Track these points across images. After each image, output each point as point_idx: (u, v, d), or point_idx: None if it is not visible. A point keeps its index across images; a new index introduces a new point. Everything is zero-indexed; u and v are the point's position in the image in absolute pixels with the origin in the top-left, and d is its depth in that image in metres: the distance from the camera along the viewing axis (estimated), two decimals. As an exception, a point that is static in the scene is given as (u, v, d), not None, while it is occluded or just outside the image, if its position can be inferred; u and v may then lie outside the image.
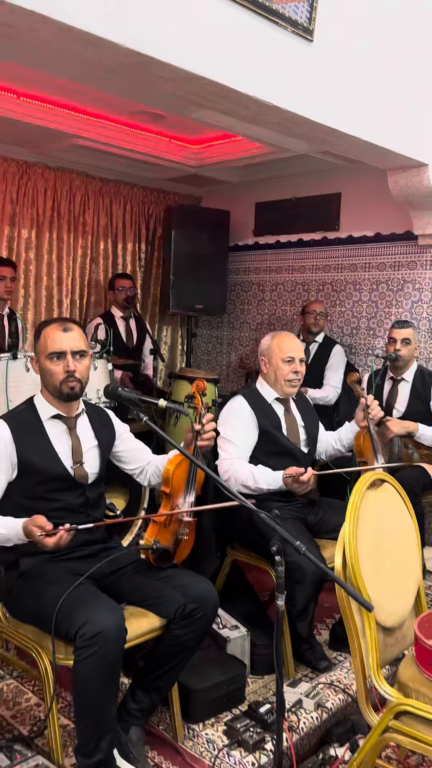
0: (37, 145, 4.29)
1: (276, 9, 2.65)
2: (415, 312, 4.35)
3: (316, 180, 4.79)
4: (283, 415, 2.81)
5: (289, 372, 2.76)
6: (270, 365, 2.80)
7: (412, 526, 2.21)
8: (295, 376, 2.77)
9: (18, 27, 2.06)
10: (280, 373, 2.77)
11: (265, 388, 2.83)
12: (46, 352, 2.06)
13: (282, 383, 2.77)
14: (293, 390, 2.80)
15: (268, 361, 2.81)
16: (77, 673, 1.76)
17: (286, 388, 2.78)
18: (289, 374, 2.76)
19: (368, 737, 1.91)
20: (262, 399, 2.80)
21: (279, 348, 2.78)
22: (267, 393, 2.81)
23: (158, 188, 5.32)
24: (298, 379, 2.79)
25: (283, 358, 2.76)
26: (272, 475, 2.65)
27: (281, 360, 2.76)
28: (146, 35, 2.22)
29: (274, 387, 2.81)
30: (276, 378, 2.78)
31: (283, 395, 2.81)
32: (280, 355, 2.77)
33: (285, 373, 2.76)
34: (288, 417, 2.82)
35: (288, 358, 2.76)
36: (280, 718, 1.81)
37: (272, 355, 2.79)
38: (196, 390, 2.24)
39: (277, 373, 2.77)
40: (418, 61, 3.46)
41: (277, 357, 2.77)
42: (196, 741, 2.18)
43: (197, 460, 1.93)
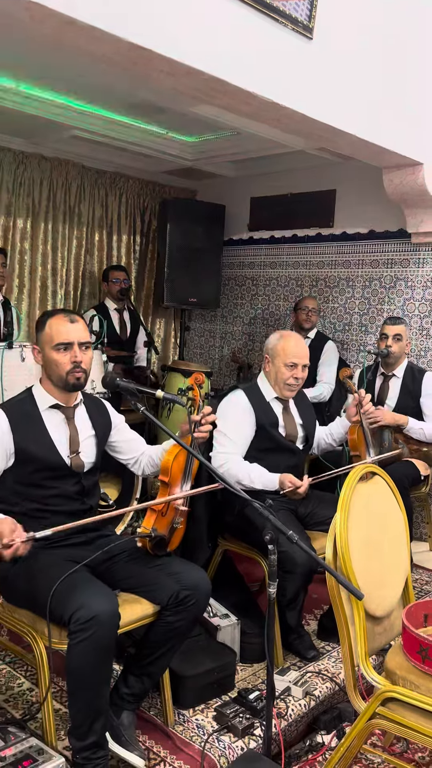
0: (34, 136, 4.29)
1: (277, 6, 2.67)
2: (406, 309, 4.40)
3: (311, 176, 4.82)
4: (281, 413, 2.83)
5: (290, 377, 2.75)
6: (272, 365, 2.80)
7: (401, 519, 2.25)
8: (295, 381, 2.77)
9: (21, 17, 2.06)
10: (281, 377, 2.77)
11: (266, 386, 2.84)
12: (53, 343, 2.08)
13: (281, 386, 2.78)
14: (291, 394, 2.81)
15: (271, 360, 2.81)
16: (71, 656, 1.79)
17: (285, 391, 2.79)
18: (290, 379, 2.76)
19: (355, 723, 1.96)
20: (262, 396, 2.81)
21: (284, 351, 2.77)
22: (267, 391, 2.83)
23: (154, 181, 5.33)
24: (297, 384, 2.79)
25: (286, 362, 2.75)
26: (269, 477, 2.68)
27: (284, 364, 2.75)
28: (148, 30, 2.24)
29: (273, 386, 2.82)
30: (276, 379, 2.79)
31: (281, 396, 2.83)
32: (284, 359, 2.75)
33: (285, 377, 2.76)
34: (286, 415, 2.85)
35: (291, 363, 2.74)
36: (270, 702, 1.85)
37: (276, 356, 2.79)
38: (194, 382, 2.27)
39: (277, 375, 2.78)
40: (415, 60, 3.49)
41: (280, 359, 2.76)
42: (186, 726, 2.22)
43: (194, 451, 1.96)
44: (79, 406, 2.23)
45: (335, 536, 1.95)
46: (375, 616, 2.03)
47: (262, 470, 2.70)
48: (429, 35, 3.55)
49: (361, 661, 1.95)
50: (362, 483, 2.13)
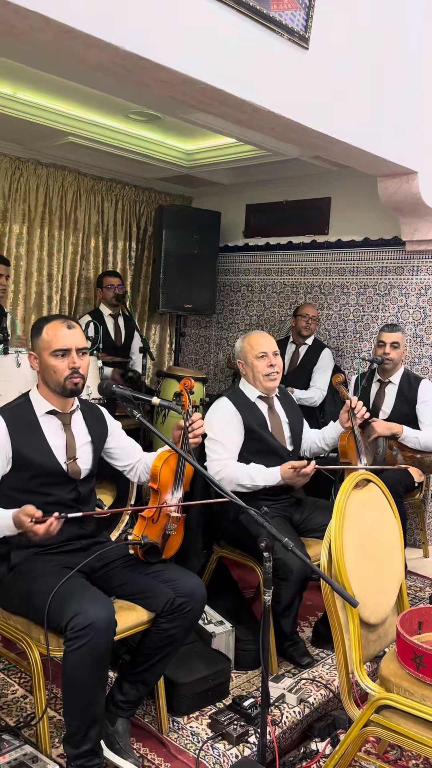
0: (31, 142, 4.31)
1: (273, 16, 2.70)
2: (401, 316, 4.42)
3: (306, 184, 4.85)
4: (267, 413, 2.86)
5: (264, 366, 2.79)
6: (246, 365, 2.85)
7: (396, 526, 2.26)
8: (272, 369, 2.79)
9: (20, 27, 2.08)
10: (257, 370, 2.80)
11: (248, 388, 2.87)
12: (51, 349, 2.08)
13: (261, 379, 2.81)
14: (273, 384, 2.83)
15: (245, 362, 2.86)
16: (67, 663, 1.79)
17: (266, 382, 2.81)
18: (265, 368, 2.79)
19: (350, 730, 1.96)
20: (246, 398, 2.84)
21: (250, 346, 2.83)
22: (250, 392, 2.86)
23: (150, 187, 5.35)
24: (276, 372, 2.81)
25: (256, 354, 2.80)
26: (270, 472, 2.69)
27: (254, 357, 2.80)
28: (146, 39, 2.26)
29: (254, 385, 2.85)
30: (254, 375, 2.82)
31: (264, 392, 2.84)
32: (253, 353, 2.80)
33: (261, 369, 2.79)
34: (272, 415, 2.87)
35: (260, 354, 2.79)
36: (264, 710, 1.85)
37: (246, 355, 2.84)
38: (183, 388, 2.27)
39: (254, 371, 2.81)
40: (411, 70, 3.53)
41: (250, 355, 2.81)
42: (181, 733, 2.22)
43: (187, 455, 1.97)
44: (76, 412, 2.23)
45: (330, 543, 1.96)
46: (369, 623, 2.04)
47: (260, 467, 2.71)
48: (424, 45, 3.58)
49: (356, 668, 1.95)
50: (357, 490, 2.13)
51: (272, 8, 2.70)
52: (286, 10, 2.76)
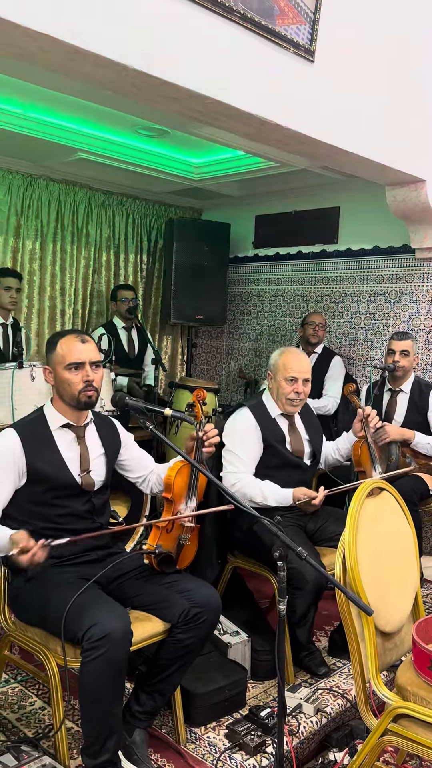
0: (42, 159, 4.38)
1: (279, 31, 2.73)
2: (412, 324, 4.42)
3: (315, 194, 4.87)
4: (287, 429, 2.85)
5: (290, 391, 2.77)
6: (274, 381, 2.83)
7: (410, 534, 2.26)
8: (296, 396, 2.77)
9: (30, 49, 2.13)
10: (282, 391, 2.79)
11: (271, 403, 2.85)
12: (65, 363, 2.11)
13: (283, 401, 2.80)
14: (294, 409, 2.82)
15: (273, 377, 2.83)
16: (85, 674, 1.81)
17: (287, 406, 2.81)
18: (291, 393, 2.77)
19: (367, 740, 1.96)
20: (267, 413, 2.83)
21: (284, 366, 2.79)
22: (272, 408, 2.84)
23: (160, 201, 5.41)
24: (299, 399, 2.79)
25: (286, 377, 2.77)
26: (282, 493, 2.70)
27: (284, 378, 2.78)
28: (152, 56, 2.30)
29: (276, 402, 2.84)
30: (278, 395, 2.81)
31: (285, 412, 2.84)
32: (284, 374, 2.78)
33: (287, 392, 2.78)
34: (292, 432, 2.86)
35: (291, 378, 2.77)
36: (281, 720, 1.85)
37: (277, 371, 2.81)
38: (196, 399, 2.30)
39: (279, 391, 2.80)
40: (416, 79, 3.55)
41: (280, 374, 2.79)
42: (198, 744, 2.22)
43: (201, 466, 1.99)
44: (90, 425, 2.26)
45: (344, 552, 1.96)
46: (385, 631, 2.03)
47: (274, 487, 2.71)
48: (430, 53, 3.61)
49: (372, 678, 1.95)
50: (370, 498, 2.13)
51: (277, 23, 2.74)
52: (291, 24, 2.80)
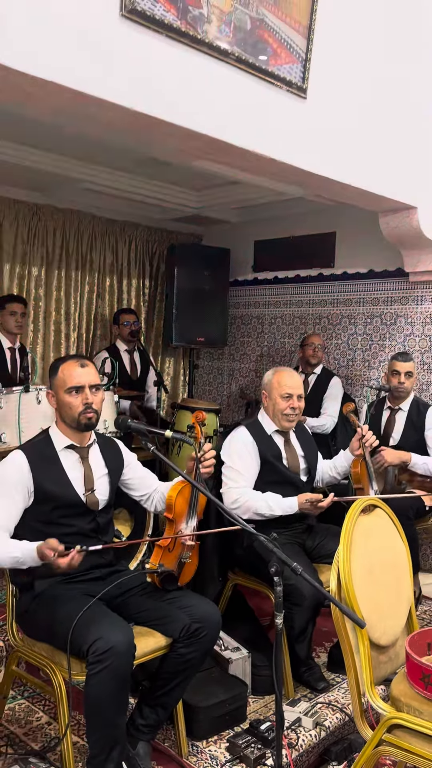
0: (48, 189, 4.54)
1: (272, 71, 2.88)
2: (407, 345, 4.53)
3: (311, 220, 5.02)
4: (283, 446, 2.95)
5: (286, 407, 2.89)
6: (270, 399, 2.94)
7: (403, 550, 2.34)
8: (292, 411, 2.89)
9: (37, 94, 2.27)
10: (278, 408, 2.90)
11: (266, 420, 2.97)
12: (65, 387, 2.22)
13: (279, 417, 2.91)
14: (290, 425, 2.93)
15: (269, 395, 2.95)
16: (90, 686, 1.89)
17: (284, 422, 2.92)
18: (287, 409, 2.89)
19: (363, 750, 2.02)
20: (263, 430, 2.94)
21: (278, 383, 2.91)
22: (267, 425, 2.96)
23: (161, 227, 5.57)
24: (295, 414, 2.91)
25: (282, 393, 2.89)
26: (287, 502, 2.80)
27: (279, 395, 2.89)
28: (152, 98, 2.44)
29: (273, 420, 2.95)
30: (275, 411, 2.92)
31: (281, 428, 2.95)
32: (279, 391, 2.90)
33: (282, 408, 2.89)
34: (288, 448, 2.96)
35: (286, 394, 2.89)
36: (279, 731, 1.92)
37: (272, 390, 2.93)
38: (195, 420, 2.40)
39: (275, 407, 2.91)
40: (405, 110, 3.68)
41: (276, 392, 2.91)
42: (200, 757, 2.29)
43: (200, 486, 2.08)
44: (93, 445, 2.36)
45: (338, 568, 2.04)
46: (380, 644, 2.10)
47: (277, 497, 2.81)
48: (419, 85, 3.75)
49: (367, 689, 2.02)
50: (364, 515, 2.22)
51: (271, 63, 2.89)
52: (284, 64, 2.95)
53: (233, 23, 2.68)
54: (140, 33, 2.37)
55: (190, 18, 2.52)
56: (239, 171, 3.31)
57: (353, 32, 3.27)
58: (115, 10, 2.29)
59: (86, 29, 2.22)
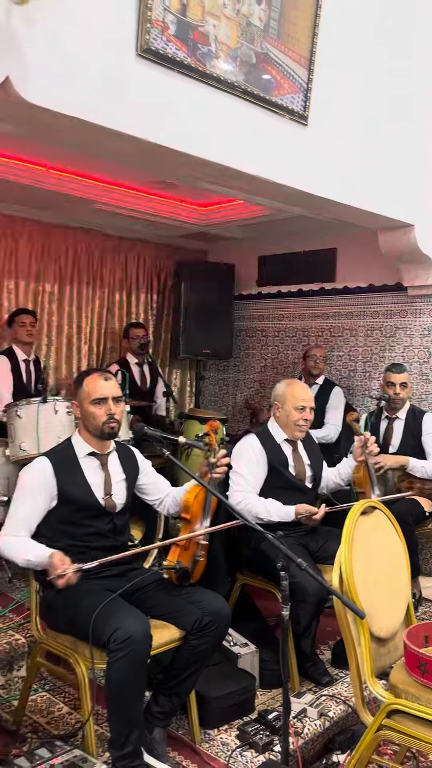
0: (61, 209, 4.74)
1: (276, 101, 3.08)
2: (407, 356, 4.70)
3: (313, 237, 5.21)
4: (291, 454, 3.12)
5: (300, 418, 3.06)
6: (283, 410, 3.11)
7: (401, 550, 2.49)
8: (305, 422, 3.08)
9: (59, 126, 2.47)
10: (291, 419, 3.07)
11: (276, 429, 3.13)
12: (90, 398, 2.39)
13: (292, 427, 3.08)
14: (301, 434, 3.11)
15: (281, 406, 3.11)
16: (111, 673, 2.05)
17: (296, 432, 3.09)
18: (300, 420, 3.06)
19: (365, 734, 2.17)
20: (273, 439, 3.11)
21: (293, 396, 3.08)
22: (277, 434, 3.12)
23: (168, 244, 5.78)
24: (306, 425, 3.09)
25: (296, 405, 3.06)
26: (284, 509, 2.95)
27: (294, 407, 3.06)
28: (165, 130, 2.64)
29: (284, 429, 3.11)
30: (287, 422, 3.09)
31: (291, 437, 3.11)
32: (294, 403, 3.06)
33: (296, 419, 3.06)
34: (295, 456, 3.13)
35: (300, 407, 3.06)
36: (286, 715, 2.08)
37: (285, 401, 3.09)
38: (210, 429, 2.57)
39: (288, 418, 3.08)
40: (403, 133, 3.88)
41: (290, 404, 3.07)
42: (212, 743, 2.44)
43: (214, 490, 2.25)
44: (112, 453, 2.53)
45: (341, 566, 2.20)
46: (379, 636, 2.25)
47: (277, 504, 2.97)
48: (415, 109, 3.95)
49: (368, 678, 2.17)
50: (364, 516, 2.37)
51: (274, 94, 3.09)
52: (286, 94, 3.15)
53: (239, 58, 2.89)
54: (154, 70, 2.58)
55: (200, 55, 2.72)
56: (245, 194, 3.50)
57: (351, 61, 3.48)
58: (132, 49, 2.50)
59: (106, 67, 2.42)
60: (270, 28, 2.97)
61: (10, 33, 2.13)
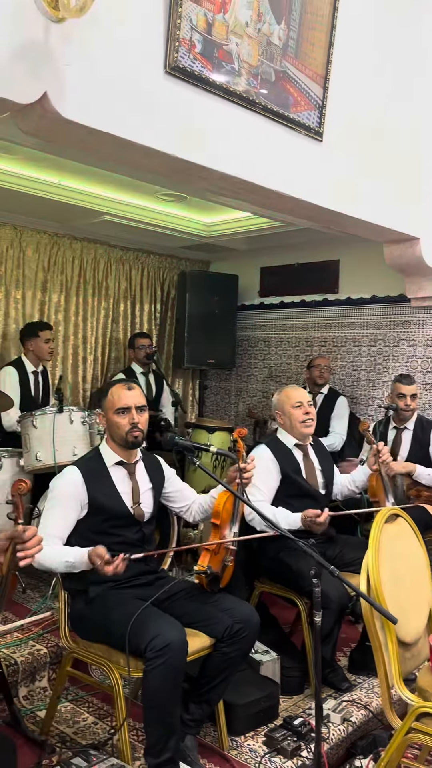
0: (69, 220, 4.78)
1: (293, 118, 3.16)
2: (410, 366, 4.79)
3: (316, 248, 5.30)
4: (302, 460, 3.17)
5: (301, 414, 3.12)
6: (284, 414, 3.17)
7: (423, 555, 2.55)
8: (307, 416, 3.13)
9: (90, 141, 2.52)
10: (294, 418, 3.13)
11: (285, 436, 3.19)
12: (114, 408, 2.43)
13: (297, 426, 3.13)
14: (309, 430, 3.16)
15: (282, 412, 3.18)
16: (149, 680, 2.07)
17: (302, 429, 3.14)
18: (301, 416, 3.12)
19: (394, 737, 2.21)
20: (283, 446, 3.16)
21: (287, 397, 3.17)
22: (287, 440, 3.18)
23: (172, 255, 5.83)
24: (311, 419, 3.15)
25: (293, 404, 3.14)
26: (292, 517, 2.99)
27: (291, 407, 3.14)
28: (191, 145, 2.69)
29: (291, 433, 3.17)
30: (291, 423, 3.15)
31: (300, 438, 3.16)
32: (290, 403, 3.14)
33: (297, 416, 3.12)
34: (306, 462, 3.19)
35: (297, 404, 3.13)
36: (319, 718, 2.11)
37: (283, 405, 3.17)
38: (238, 436, 2.61)
39: (291, 419, 3.14)
40: (410, 148, 3.98)
41: (287, 405, 3.15)
42: (240, 750, 2.47)
43: (242, 496, 2.30)
44: (139, 462, 2.56)
45: (368, 571, 2.25)
46: (405, 641, 2.30)
47: (285, 512, 3.01)
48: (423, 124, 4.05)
49: (396, 682, 2.21)
50: (388, 524, 2.43)
51: (292, 111, 3.17)
52: (303, 111, 3.23)
53: (260, 76, 2.96)
54: (181, 87, 2.63)
55: (224, 72, 2.79)
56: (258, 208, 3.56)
57: (362, 80, 3.57)
58: (160, 67, 2.55)
59: (137, 85, 2.48)
60: (289, 47, 3.05)
61: (47, 50, 2.17)
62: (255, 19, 2.89)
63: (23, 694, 2.77)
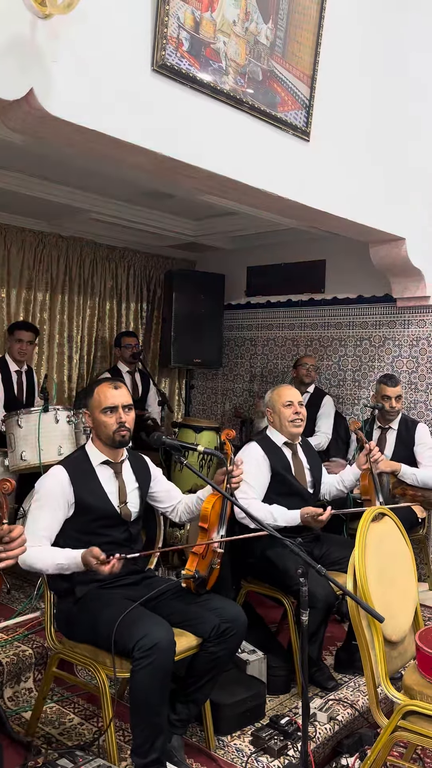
0: (56, 219, 4.75)
1: (280, 117, 3.16)
2: (395, 366, 4.82)
3: (302, 248, 5.31)
4: (291, 458, 3.19)
5: (290, 414, 3.15)
6: (274, 412, 3.20)
7: (409, 555, 2.56)
8: (297, 416, 3.16)
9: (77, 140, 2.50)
10: (283, 417, 3.15)
11: (275, 434, 3.21)
12: (101, 407, 2.41)
13: (286, 425, 3.15)
14: (297, 430, 3.18)
15: (273, 410, 3.20)
16: (136, 681, 2.06)
17: (291, 428, 3.16)
18: (291, 415, 3.15)
19: (381, 736, 2.22)
20: (273, 443, 3.17)
21: (279, 396, 3.20)
22: (276, 438, 3.19)
23: (158, 254, 5.82)
24: (300, 419, 3.17)
25: (283, 403, 3.16)
26: (290, 514, 3.00)
27: (282, 405, 3.16)
28: (177, 143, 2.68)
29: (281, 431, 3.19)
30: (281, 422, 3.17)
31: (289, 437, 3.18)
32: (280, 401, 3.17)
33: (287, 415, 3.15)
34: (295, 460, 3.20)
35: (287, 403, 3.16)
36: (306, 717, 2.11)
37: (274, 403, 3.20)
38: (226, 437, 2.61)
39: (281, 418, 3.16)
40: (396, 149, 4.00)
41: (278, 404, 3.18)
42: (227, 750, 2.46)
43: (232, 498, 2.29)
44: (125, 461, 2.55)
45: (354, 570, 2.26)
46: (391, 640, 2.31)
47: (282, 509, 3.02)
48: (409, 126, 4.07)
49: (383, 680, 2.22)
50: (375, 523, 2.44)
51: (279, 110, 3.17)
52: (290, 110, 3.23)
53: (247, 75, 2.95)
54: (169, 85, 2.62)
55: (211, 71, 2.78)
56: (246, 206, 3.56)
57: (349, 80, 3.59)
58: (148, 65, 2.54)
59: (123, 82, 2.46)
60: (276, 47, 3.05)
61: (34, 46, 2.15)
62: (242, 17, 2.88)
63: (8, 696, 2.74)
